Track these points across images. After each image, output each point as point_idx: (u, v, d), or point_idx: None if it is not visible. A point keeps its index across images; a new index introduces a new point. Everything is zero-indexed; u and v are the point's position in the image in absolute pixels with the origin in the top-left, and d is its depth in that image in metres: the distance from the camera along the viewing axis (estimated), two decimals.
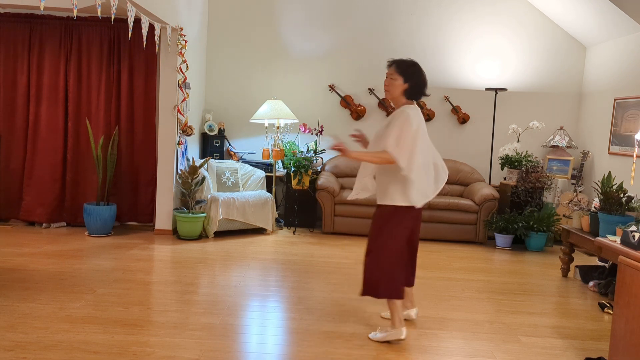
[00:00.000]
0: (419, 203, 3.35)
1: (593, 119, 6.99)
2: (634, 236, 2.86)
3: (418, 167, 3.29)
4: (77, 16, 5.82)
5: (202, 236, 6.00)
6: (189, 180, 5.85)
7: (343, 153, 3.29)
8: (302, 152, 6.78)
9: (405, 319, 3.70)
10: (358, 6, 7.26)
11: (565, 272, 5.31)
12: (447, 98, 7.31)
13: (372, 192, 3.57)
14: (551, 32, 7.27)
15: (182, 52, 5.94)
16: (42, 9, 3.39)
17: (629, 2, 5.61)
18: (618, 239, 3.13)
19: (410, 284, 3.67)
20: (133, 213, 6.29)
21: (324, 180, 6.56)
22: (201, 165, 5.94)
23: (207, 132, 6.94)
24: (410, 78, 3.38)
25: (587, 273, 5.15)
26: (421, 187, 3.34)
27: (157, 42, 5.72)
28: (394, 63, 3.44)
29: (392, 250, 3.37)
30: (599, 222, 4.58)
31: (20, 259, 4.77)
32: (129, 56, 6.08)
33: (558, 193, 7.00)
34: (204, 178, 6.04)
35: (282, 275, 4.74)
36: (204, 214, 5.92)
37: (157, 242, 5.67)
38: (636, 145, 5.00)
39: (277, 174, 6.87)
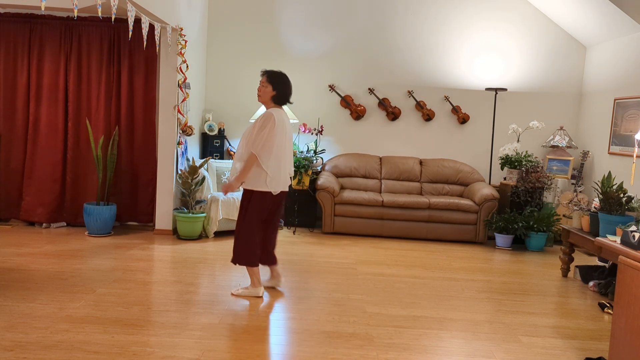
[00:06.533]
0: (275, 191, 4.03)
1: (593, 119, 7.00)
2: (634, 236, 2.86)
3: (275, 162, 3.97)
4: (77, 16, 5.82)
5: (202, 236, 6.00)
6: (189, 180, 5.85)
7: (229, 187, 3.99)
8: (302, 152, 6.78)
9: (272, 287, 4.37)
10: (358, 6, 7.26)
11: (565, 272, 5.31)
12: (447, 98, 7.31)
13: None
14: (551, 32, 7.27)
15: (182, 52, 5.94)
16: (42, 8, 3.39)
17: (629, 2, 5.61)
18: (618, 239, 3.13)
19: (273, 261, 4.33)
20: (133, 213, 6.28)
21: (324, 180, 6.56)
22: (201, 165, 5.94)
23: (207, 132, 6.94)
24: (278, 86, 4.07)
25: (587, 273, 5.15)
26: (276, 178, 3.99)
27: (157, 42, 5.72)
28: (265, 73, 4.14)
29: (250, 227, 4.03)
30: (599, 222, 4.58)
31: (20, 259, 4.77)
32: (129, 56, 6.08)
33: (558, 193, 7.01)
34: (204, 178, 6.04)
35: (282, 275, 4.74)
36: (204, 214, 5.92)
37: (157, 242, 5.67)
38: (636, 145, 5.00)
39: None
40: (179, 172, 6.06)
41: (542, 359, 3.31)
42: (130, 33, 4.83)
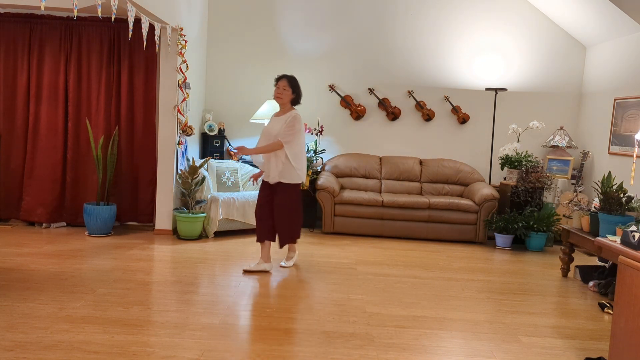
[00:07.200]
0: (301, 181, 4.78)
1: (593, 119, 7.00)
2: (634, 236, 2.86)
3: (301, 158, 4.67)
4: (77, 16, 5.82)
5: (202, 236, 6.00)
6: (189, 180, 5.85)
7: (243, 150, 4.59)
8: None
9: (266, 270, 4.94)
10: (358, 6, 7.26)
11: (565, 272, 5.31)
12: (447, 98, 7.31)
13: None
14: (551, 32, 7.27)
15: (182, 52, 5.94)
16: (42, 8, 3.40)
17: (629, 2, 5.61)
18: (618, 239, 3.13)
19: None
20: (133, 213, 6.28)
21: (324, 180, 6.56)
22: (201, 165, 5.94)
23: (207, 132, 6.94)
24: (297, 90, 4.71)
25: (587, 273, 5.15)
26: (303, 171, 4.71)
27: (157, 42, 5.72)
28: (285, 78, 4.69)
29: (298, 211, 4.84)
30: (599, 222, 4.59)
31: (20, 259, 4.77)
32: (129, 56, 6.08)
33: (558, 193, 7.01)
34: (204, 178, 6.04)
35: (282, 275, 4.74)
36: (204, 214, 5.92)
37: (157, 242, 5.67)
38: (636, 145, 5.00)
39: None
40: (179, 172, 6.06)
41: (542, 359, 3.31)
42: (130, 33, 4.83)
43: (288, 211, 4.77)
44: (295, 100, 4.75)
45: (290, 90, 4.67)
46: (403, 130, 7.40)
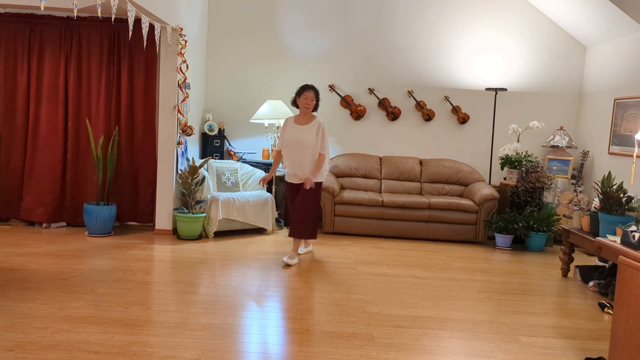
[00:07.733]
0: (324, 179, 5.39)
1: (593, 119, 7.00)
2: (634, 236, 2.86)
3: (328, 158, 5.27)
4: (77, 16, 5.82)
5: (202, 236, 6.00)
6: (189, 180, 5.85)
7: (310, 181, 4.99)
8: None
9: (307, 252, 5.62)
10: (358, 6, 7.26)
11: (565, 272, 5.31)
12: (447, 98, 7.31)
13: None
14: (551, 32, 7.27)
15: (182, 52, 5.94)
16: (42, 8, 3.40)
17: (629, 2, 5.61)
18: (618, 239, 3.13)
19: None
20: (133, 213, 6.28)
21: (324, 180, 6.55)
22: (201, 165, 5.94)
23: (207, 132, 6.94)
24: (318, 99, 5.28)
25: (587, 273, 5.15)
26: (327, 169, 5.42)
27: (157, 42, 5.72)
28: (312, 89, 5.20)
29: (317, 209, 5.25)
30: (599, 222, 4.59)
31: (20, 259, 4.77)
32: (129, 56, 6.08)
33: (558, 193, 7.01)
34: (204, 178, 6.04)
35: (282, 275, 4.75)
36: (204, 214, 5.92)
37: (157, 242, 5.67)
38: (636, 145, 5.00)
39: (277, 173, 6.86)
40: (179, 172, 6.06)
41: (542, 359, 3.31)
42: (130, 33, 4.83)
43: (308, 208, 5.12)
44: (316, 108, 5.28)
45: (315, 100, 5.20)
46: (403, 130, 7.40)
